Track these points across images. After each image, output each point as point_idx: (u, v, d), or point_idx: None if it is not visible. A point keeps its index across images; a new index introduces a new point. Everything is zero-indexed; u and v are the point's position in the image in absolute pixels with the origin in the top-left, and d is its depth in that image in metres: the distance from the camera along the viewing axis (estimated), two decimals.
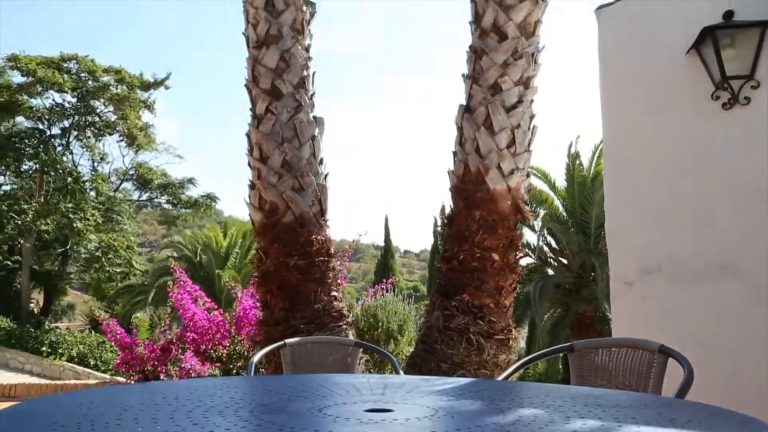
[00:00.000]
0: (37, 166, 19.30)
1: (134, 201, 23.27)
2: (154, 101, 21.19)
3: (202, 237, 22.30)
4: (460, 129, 4.44)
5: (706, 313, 3.17)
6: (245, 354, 7.28)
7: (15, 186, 20.22)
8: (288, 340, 2.82)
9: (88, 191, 20.31)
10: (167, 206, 23.99)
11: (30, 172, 19.91)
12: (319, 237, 4.52)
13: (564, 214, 12.89)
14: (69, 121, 20.39)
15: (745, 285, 3.06)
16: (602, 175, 4.50)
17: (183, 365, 7.39)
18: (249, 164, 4.65)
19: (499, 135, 4.26)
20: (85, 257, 20.65)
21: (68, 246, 21.02)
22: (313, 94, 4.84)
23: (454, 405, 1.52)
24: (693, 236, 3.27)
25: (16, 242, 19.84)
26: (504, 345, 4.22)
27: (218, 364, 7.46)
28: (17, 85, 18.93)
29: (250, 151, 4.63)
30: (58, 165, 19.33)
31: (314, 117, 4.75)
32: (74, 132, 20.62)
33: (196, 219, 26.15)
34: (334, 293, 4.55)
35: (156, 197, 23.44)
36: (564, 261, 12.95)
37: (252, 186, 4.63)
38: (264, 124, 4.57)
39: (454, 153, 4.51)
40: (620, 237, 3.66)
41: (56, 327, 18.54)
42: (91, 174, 20.83)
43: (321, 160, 4.77)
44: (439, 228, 18.39)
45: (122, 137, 21.26)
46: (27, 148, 19.45)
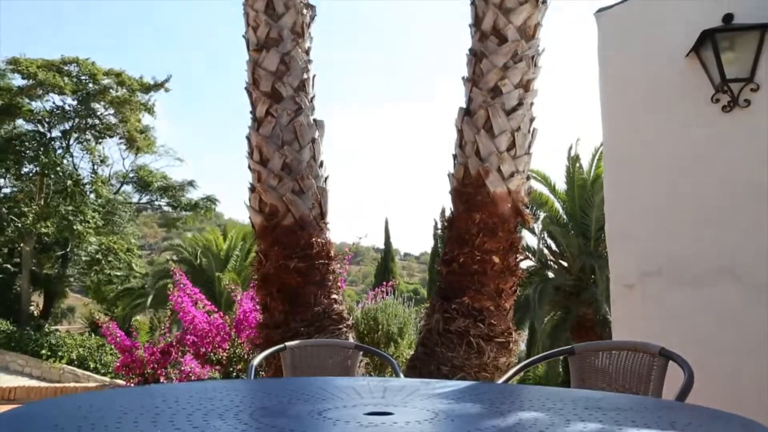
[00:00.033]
0: (38, 169, 19.33)
1: (134, 204, 23.28)
2: (154, 104, 21.27)
3: (202, 240, 22.33)
4: (460, 132, 4.44)
5: (706, 315, 3.17)
6: (245, 357, 7.27)
7: (15, 189, 20.25)
8: (288, 343, 2.82)
9: (88, 194, 20.34)
10: (167, 209, 24.01)
11: (30, 175, 19.93)
12: (319, 240, 4.52)
13: (564, 217, 12.88)
14: (69, 124, 20.44)
15: (745, 286, 3.06)
16: (602, 178, 4.51)
17: (183, 368, 7.39)
18: (249, 167, 4.65)
19: (499, 138, 4.26)
20: (85, 260, 20.66)
21: (68, 249, 21.04)
22: (313, 97, 4.84)
23: (454, 408, 1.52)
24: (693, 237, 3.28)
25: (16, 245, 19.85)
26: (504, 348, 4.22)
27: (218, 367, 7.45)
28: (17, 88, 18.97)
29: (251, 154, 4.63)
30: (59, 168, 19.36)
31: (314, 120, 4.76)
32: (74, 134, 20.68)
33: (196, 222, 26.19)
34: (334, 296, 4.55)
35: (156, 200, 23.47)
36: (564, 264, 12.95)
37: (252, 189, 4.63)
38: (264, 127, 4.57)
39: (454, 156, 4.52)
40: (620, 239, 3.66)
41: (56, 330, 18.57)
42: (92, 177, 20.87)
43: (321, 163, 4.77)
44: (440, 231, 18.40)
45: (122, 140, 21.32)
46: (27, 151, 19.48)
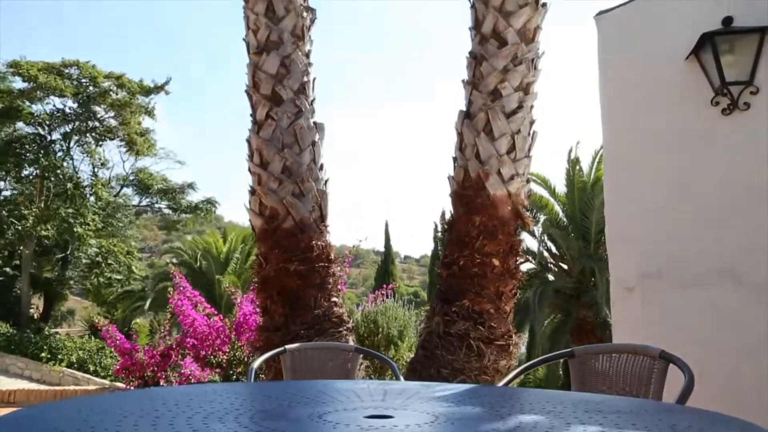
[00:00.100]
0: (38, 172, 19.34)
1: (134, 206, 23.28)
2: (155, 106, 21.30)
3: (202, 242, 22.30)
4: (460, 135, 4.45)
5: (706, 316, 3.17)
6: (245, 360, 7.26)
7: (15, 191, 20.27)
8: (288, 346, 2.82)
9: (89, 197, 20.34)
10: (167, 211, 24.02)
11: (30, 178, 19.94)
12: (320, 242, 4.52)
13: (564, 220, 12.89)
14: (70, 127, 20.46)
15: (745, 287, 3.06)
16: (602, 181, 4.51)
17: (183, 371, 7.39)
18: (249, 170, 4.66)
19: (499, 141, 4.26)
20: (85, 263, 20.65)
21: (68, 251, 21.04)
22: (314, 100, 4.85)
23: (455, 411, 1.51)
24: (693, 239, 3.28)
25: (17, 248, 19.85)
26: (504, 351, 4.21)
27: (218, 370, 7.45)
28: (18, 91, 18.99)
29: (251, 157, 4.64)
30: (59, 170, 19.37)
31: (314, 123, 4.76)
32: (75, 137, 20.70)
33: (196, 224, 26.20)
34: (335, 299, 4.55)
35: (156, 202, 23.49)
36: (564, 266, 12.95)
37: (252, 191, 4.63)
38: (264, 130, 4.57)
39: (454, 158, 4.52)
40: (620, 242, 3.66)
41: (56, 332, 18.52)
42: (92, 179, 20.87)
43: (321, 166, 4.77)
44: (440, 233, 18.42)
45: (122, 143, 21.34)
46: (27, 154, 19.50)
